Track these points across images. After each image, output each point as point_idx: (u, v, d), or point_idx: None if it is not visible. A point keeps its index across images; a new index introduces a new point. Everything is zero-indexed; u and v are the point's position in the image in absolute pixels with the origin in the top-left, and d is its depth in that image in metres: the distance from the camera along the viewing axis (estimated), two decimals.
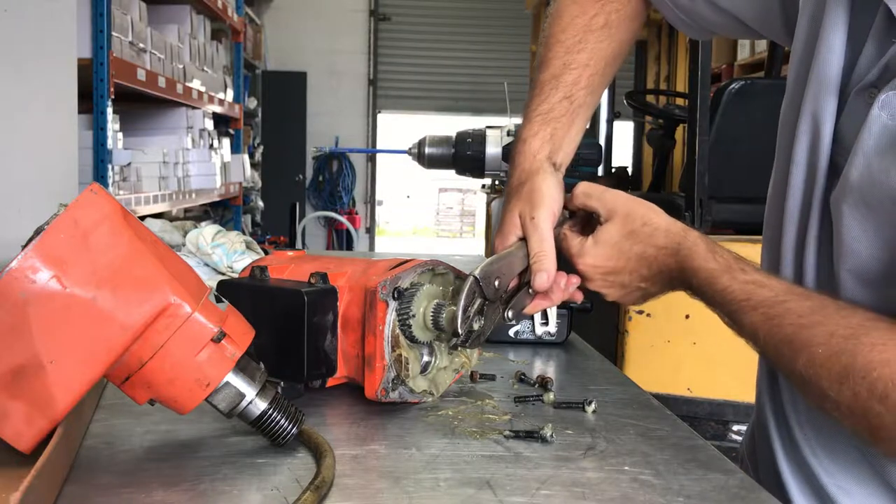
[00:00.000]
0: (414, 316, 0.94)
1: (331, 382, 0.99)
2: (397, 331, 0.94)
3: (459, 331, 0.90)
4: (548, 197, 0.97)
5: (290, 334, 0.94)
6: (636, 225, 0.94)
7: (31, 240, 0.68)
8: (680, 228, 0.93)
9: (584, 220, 1.00)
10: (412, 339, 0.95)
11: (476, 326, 0.92)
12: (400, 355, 0.94)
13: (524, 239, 0.97)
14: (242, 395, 0.78)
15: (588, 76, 1.08)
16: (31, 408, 0.68)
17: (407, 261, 0.99)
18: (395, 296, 0.94)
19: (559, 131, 1.05)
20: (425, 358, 1.00)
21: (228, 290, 0.99)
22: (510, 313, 0.96)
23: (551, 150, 1.04)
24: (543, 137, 1.04)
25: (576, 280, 0.98)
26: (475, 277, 0.90)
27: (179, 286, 0.72)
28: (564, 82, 1.07)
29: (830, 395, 0.77)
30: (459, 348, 0.99)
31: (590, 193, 0.97)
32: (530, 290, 0.97)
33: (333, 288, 0.97)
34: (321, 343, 0.95)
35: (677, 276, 0.93)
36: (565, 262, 0.98)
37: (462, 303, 0.89)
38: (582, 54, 1.08)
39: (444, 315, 0.94)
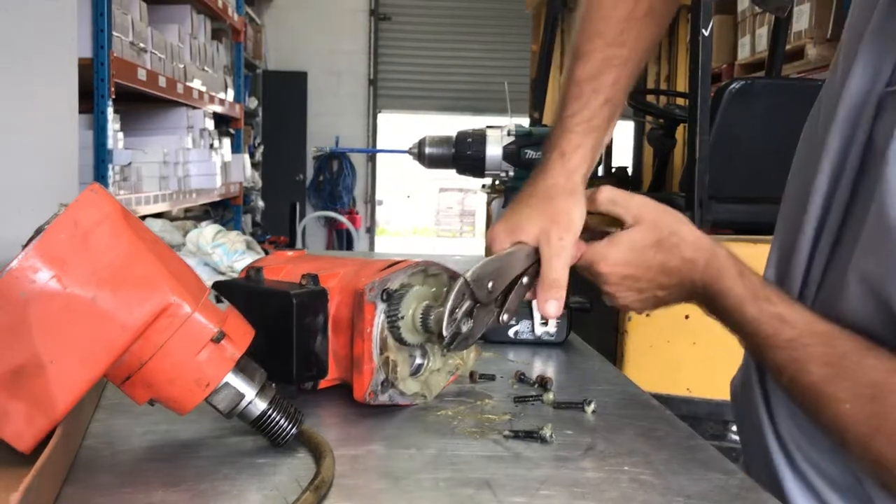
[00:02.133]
0: (403, 318, 0.93)
1: (323, 384, 0.98)
2: (385, 333, 0.93)
3: (444, 332, 0.88)
4: (577, 223, 0.94)
5: (280, 336, 0.93)
6: (663, 234, 0.92)
7: (31, 240, 0.68)
8: (708, 243, 0.91)
9: (593, 232, 0.99)
10: (402, 342, 0.94)
11: (464, 329, 0.89)
12: (388, 358, 0.93)
13: (520, 243, 0.95)
14: (242, 396, 0.78)
15: (627, 73, 1.02)
16: (31, 408, 0.68)
17: (399, 262, 0.98)
18: (384, 297, 0.93)
19: (598, 141, 1.00)
20: (418, 360, 0.99)
21: (223, 291, 0.98)
22: (505, 316, 0.94)
23: (588, 167, 0.99)
24: (584, 154, 0.98)
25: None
26: (465, 280, 0.88)
27: (179, 286, 0.72)
28: (605, 83, 1.00)
29: (855, 451, 0.78)
30: (448, 351, 0.98)
31: (616, 200, 0.95)
32: (524, 281, 0.94)
33: (323, 289, 0.96)
34: (311, 345, 0.95)
35: (700, 292, 0.91)
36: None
37: (449, 305, 0.87)
38: (623, 48, 1.01)
39: (432, 317, 0.92)
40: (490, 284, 0.90)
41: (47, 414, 0.69)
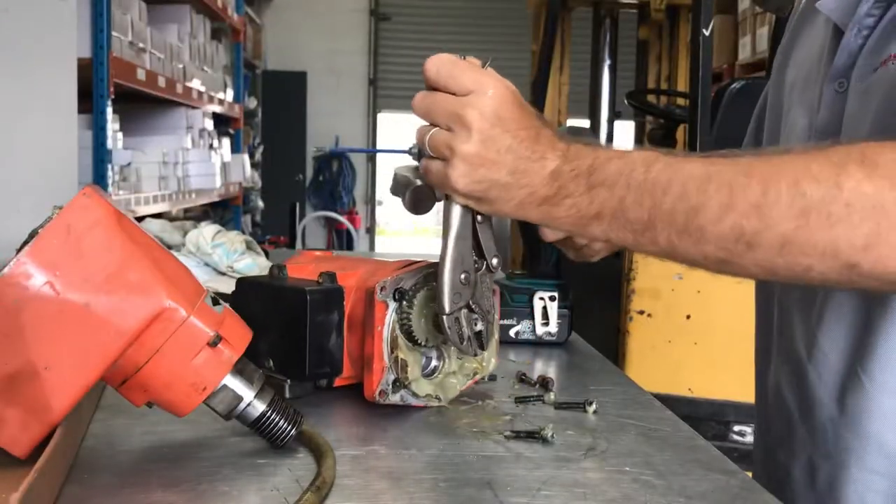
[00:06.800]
0: (415, 318, 0.93)
1: (339, 382, 0.99)
2: (396, 332, 0.93)
3: (461, 347, 0.89)
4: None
5: (295, 333, 0.94)
6: None
7: (24, 244, 0.67)
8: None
9: None
10: (414, 342, 0.94)
11: (477, 327, 0.90)
12: (398, 357, 0.93)
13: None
14: (240, 398, 0.78)
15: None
16: (26, 414, 0.68)
17: (416, 262, 0.98)
18: (396, 297, 0.93)
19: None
20: (434, 362, 0.98)
21: (244, 288, 1.02)
22: (494, 261, 0.89)
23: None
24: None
25: None
26: (445, 316, 0.86)
27: (175, 290, 0.72)
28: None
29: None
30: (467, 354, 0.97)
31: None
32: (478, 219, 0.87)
33: (339, 287, 0.97)
34: (325, 342, 0.95)
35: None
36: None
37: (453, 339, 0.88)
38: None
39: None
40: (463, 276, 0.86)
41: (42, 420, 0.68)
